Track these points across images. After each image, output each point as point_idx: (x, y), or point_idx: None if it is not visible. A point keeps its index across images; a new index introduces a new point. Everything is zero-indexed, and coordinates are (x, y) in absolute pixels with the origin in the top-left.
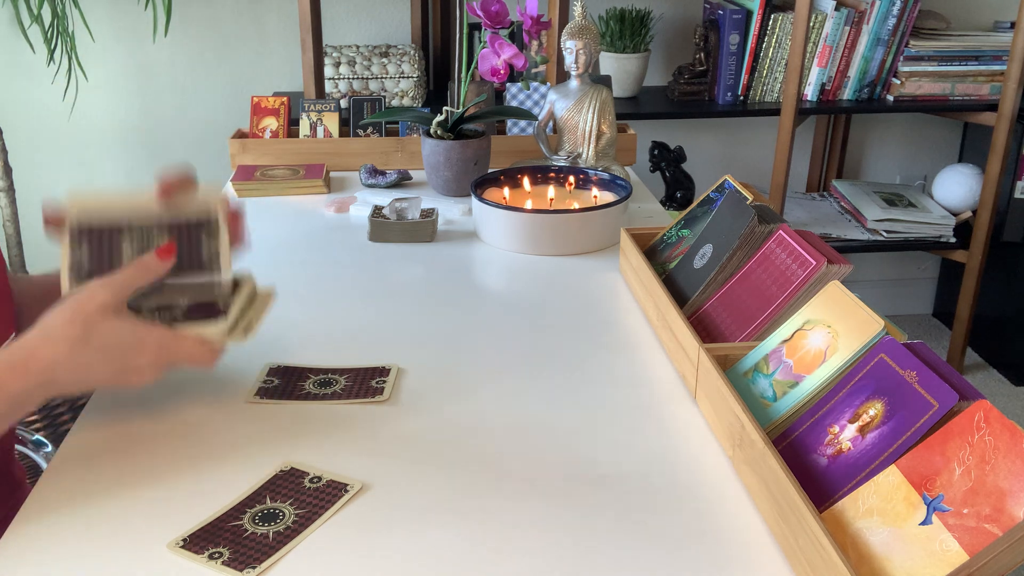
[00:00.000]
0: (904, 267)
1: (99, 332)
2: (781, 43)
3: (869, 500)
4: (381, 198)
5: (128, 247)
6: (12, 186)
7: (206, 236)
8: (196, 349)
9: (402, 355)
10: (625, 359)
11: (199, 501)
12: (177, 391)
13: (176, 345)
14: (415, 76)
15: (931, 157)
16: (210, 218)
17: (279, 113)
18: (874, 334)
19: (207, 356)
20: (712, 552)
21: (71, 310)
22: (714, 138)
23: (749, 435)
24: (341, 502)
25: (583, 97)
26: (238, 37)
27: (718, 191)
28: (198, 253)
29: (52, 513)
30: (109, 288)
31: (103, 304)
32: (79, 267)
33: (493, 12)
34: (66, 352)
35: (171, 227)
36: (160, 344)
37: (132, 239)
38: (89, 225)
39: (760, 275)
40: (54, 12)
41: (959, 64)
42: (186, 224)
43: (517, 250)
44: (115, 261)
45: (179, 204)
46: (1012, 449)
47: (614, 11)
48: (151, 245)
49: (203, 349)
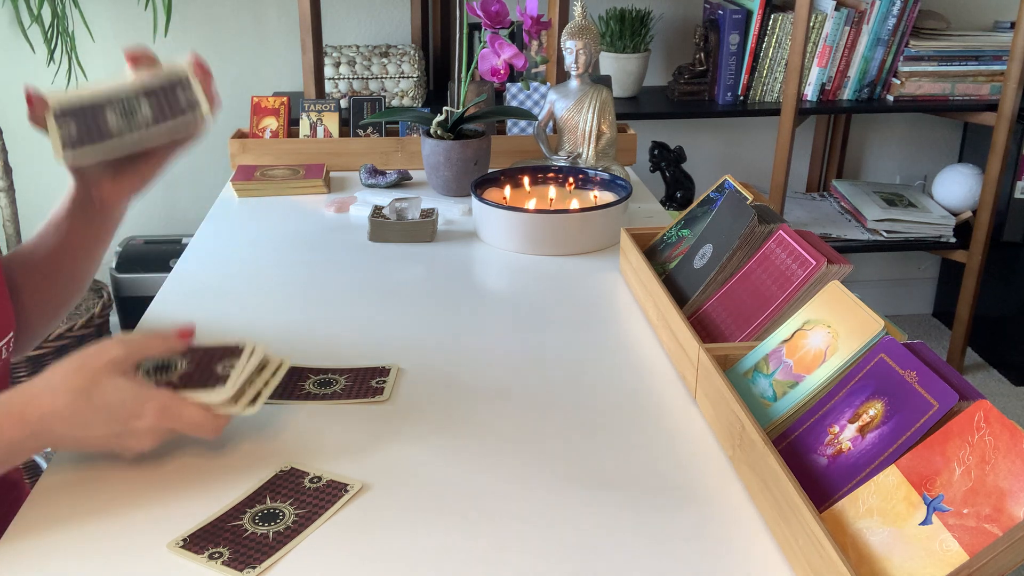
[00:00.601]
0: (904, 267)
1: (102, 389)
2: (781, 43)
3: (869, 500)
4: (381, 198)
5: (112, 116)
6: (12, 186)
7: (181, 89)
8: (199, 417)
9: (402, 355)
10: (625, 359)
11: (199, 501)
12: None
13: (179, 411)
14: (415, 76)
15: (931, 157)
16: (180, 76)
17: (279, 113)
18: (874, 334)
19: (210, 425)
20: (712, 552)
21: (79, 360)
22: (714, 138)
23: (749, 435)
24: (341, 502)
25: (583, 97)
26: (238, 37)
27: (718, 191)
28: (176, 102)
29: (52, 513)
30: (122, 346)
31: (112, 361)
32: (70, 139)
33: (493, 12)
34: (65, 404)
35: (147, 90)
36: (163, 409)
37: (115, 108)
38: (71, 105)
39: (760, 275)
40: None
41: (959, 64)
42: (160, 85)
43: (517, 250)
44: (103, 130)
45: (149, 71)
46: (1012, 449)
47: (614, 11)
48: (133, 111)
49: (206, 417)
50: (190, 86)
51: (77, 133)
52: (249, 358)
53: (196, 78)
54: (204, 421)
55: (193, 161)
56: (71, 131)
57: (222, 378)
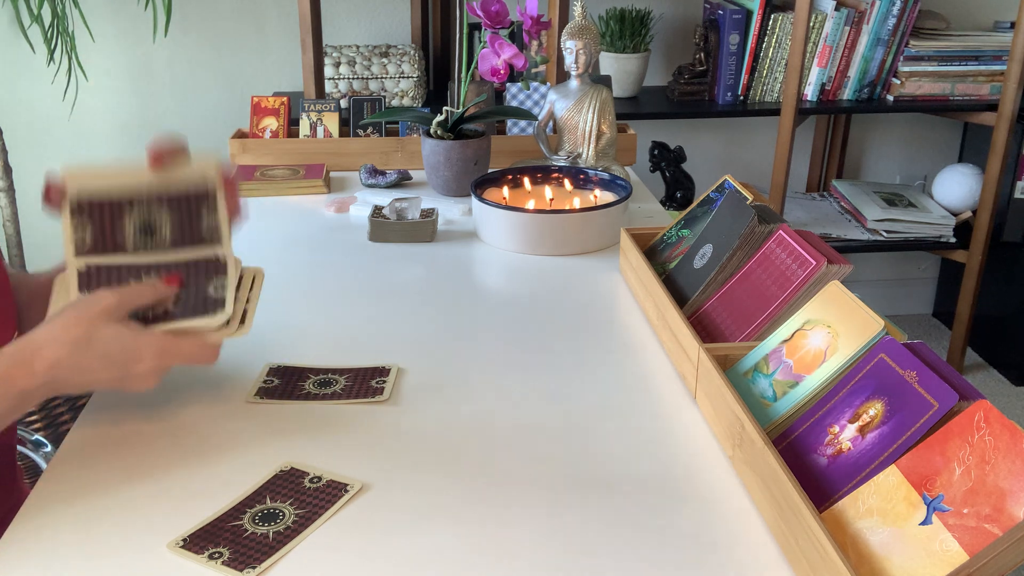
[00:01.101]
0: (904, 267)
1: (101, 337)
2: (781, 43)
3: (869, 500)
4: (381, 198)
5: (129, 223)
6: (12, 186)
7: (206, 210)
8: (195, 349)
9: (402, 355)
10: (625, 359)
11: (199, 501)
12: (177, 391)
13: (175, 349)
14: (415, 76)
15: (931, 157)
16: (208, 190)
17: (279, 113)
18: (874, 334)
19: (207, 354)
20: (712, 552)
21: (76, 312)
22: (714, 138)
23: (749, 435)
24: (341, 502)
25: (583, 97)
26: (238, 37)
27: (718, 191)
28: (198, 227)
29: (52, 513)
30: (116, 296)
31: (107, 309)
32: (82, 243)
33: (493, 12)
34: (68, 354)
35: (170, 200)
36: (160, 350)
37: (133, 214)
38: (89, 200)
39: (760, 275)
40: (54, 12)
41: (959, 64)
42: (184, 197)
43: (517, 250)
44: (118, 237)
45: (175, 174)
46: (1012, 449)
47: (614, 11)
48: (152, 219)
49: (203, 347)
50: (215, 206)
51: (92, 241)
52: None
53: (223, 195)
54: (200, 352)
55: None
56: (85, 235)
57: (219, 301)
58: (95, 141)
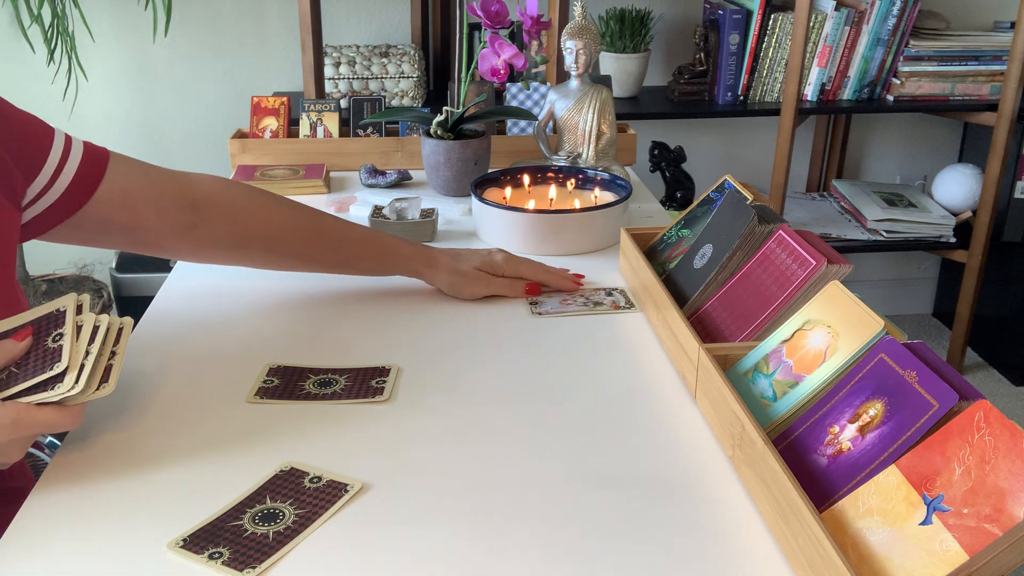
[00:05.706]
0: (904, 267)
1: None
2: (781, 43)
3: (869, 500)
4: (381, 198)
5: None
6: None
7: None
8: (54, 416)
9: (402, 355)
10: (625, 359)
11: (199, 501)
12: (177, 391)
13: (30, 418)
14: (415, 76)
15: (931, 157)
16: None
17: (279, 113)
18: (874, 334)
19: (67, 419)
20: (712, 552)
21: None
22: (714, 138)
23: (749, 435)
24: (341, 502)
25: (583, 97)
26: (238, 37)
27: (718, 191)
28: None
29: (52, 513)
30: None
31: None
32: None
33: (493, 12)
34: None
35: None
36: (14, 424)
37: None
38: None
39: (760, 275)
40: (54, 12)
41: (959, 64)
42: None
43: (517, 250)
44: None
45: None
46: (1012, 449)
47: (614, 11)
48: None
49: (61, 413)
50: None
51: None
52: (74, 319)
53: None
54: (60, 419)
55: (193, 161)
56: None
57: (56, 351)
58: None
